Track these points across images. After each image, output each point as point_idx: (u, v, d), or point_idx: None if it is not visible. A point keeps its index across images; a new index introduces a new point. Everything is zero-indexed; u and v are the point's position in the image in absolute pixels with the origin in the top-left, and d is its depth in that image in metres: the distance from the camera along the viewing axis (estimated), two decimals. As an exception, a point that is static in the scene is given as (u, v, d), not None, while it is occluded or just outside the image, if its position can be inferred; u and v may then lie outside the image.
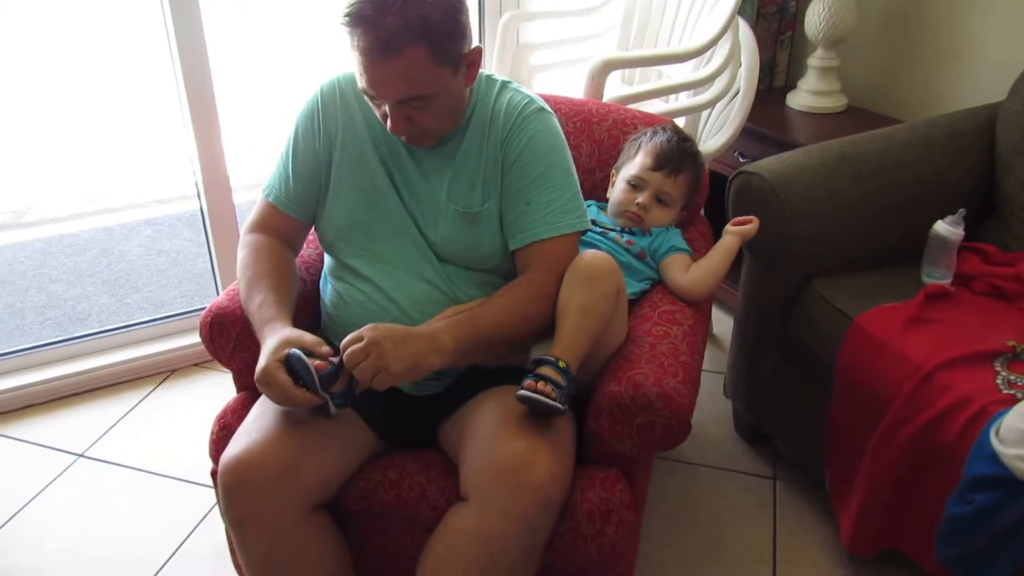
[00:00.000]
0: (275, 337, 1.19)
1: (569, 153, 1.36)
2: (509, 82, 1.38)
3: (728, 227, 1.55)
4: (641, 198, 1.49)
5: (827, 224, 1.66)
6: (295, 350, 1.14)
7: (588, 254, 1.28)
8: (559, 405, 1.15)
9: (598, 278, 1.25)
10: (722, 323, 2.45)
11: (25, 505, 1.83)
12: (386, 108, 1.22)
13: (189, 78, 2.03)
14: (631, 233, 1.50)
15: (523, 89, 1.37)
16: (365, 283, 1.34)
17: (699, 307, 1.44)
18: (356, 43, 1.15)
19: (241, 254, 1.37)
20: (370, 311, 1.32)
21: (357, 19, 1.14)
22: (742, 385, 1.89)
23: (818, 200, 1.65)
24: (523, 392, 1.15)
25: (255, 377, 1.17)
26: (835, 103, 2.35)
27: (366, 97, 1.25)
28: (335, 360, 1.15)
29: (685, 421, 1.19)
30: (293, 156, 1.37)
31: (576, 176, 1.36)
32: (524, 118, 1.32)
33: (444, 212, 1.32)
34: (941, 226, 1.62)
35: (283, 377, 1.14)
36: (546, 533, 1.17)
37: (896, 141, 1.79)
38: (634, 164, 1.52)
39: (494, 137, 1.32)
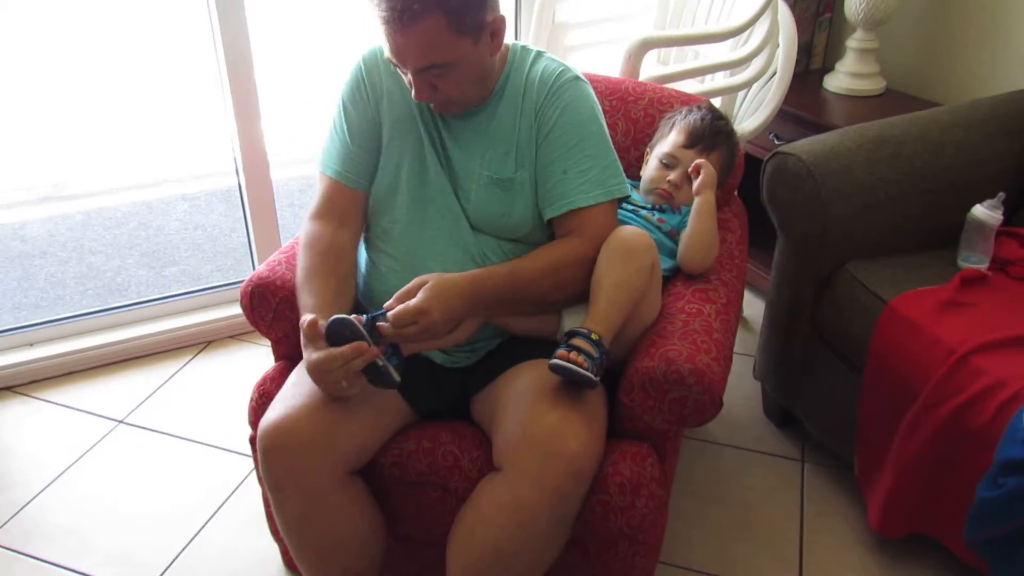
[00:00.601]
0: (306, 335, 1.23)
1: (604, 121, 1.37)
2: (544, 52, 1.38)
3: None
4: (672, 176, 1.49)
5: (863, 206, 1.65)
6: (333, 317, 1.17)
7: (625, 229, 1.29)
8: (591, 375, 1.17)
9: (634, 253, 1.26)
10: (752, 306, 2.45)
11: (67, 468, 1.89)
12: (410, 76, 1.24)
13: (230, 56, 2.06)
14: (662, 211, 1.50)
15: (557, 58, 1.37)
16: (400, 249, 1.36)
17: (732, 285, 1.44)
18: (378, 14, 1.18)
19: (300, 246, 1.37)
20: (404, 280, 1.33)
21: None
22: (772, 367, 1.89)
23: (854, 182, 1.64)
24: (556, 361, 1.17)
25: (310, 373, 1.20)
26: (873, 86, 2.33)
27: (392, 65, 1.26)
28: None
29: (717, 397, 1.20)
30: (348, 128, 1.38)
31: (611, 144, 1.36)
32: (559, 87, 1.32)
33: (477, 179, 1.34)
34: (979, 210, 1.61)
35: (322, 352, 1.16)
36: (577, 504, 1.19)
37: (936, 123, 1.77)
38: (667, 142, 1.52)
39: (528, 106, 1.33)
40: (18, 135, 3.85)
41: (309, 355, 1.19)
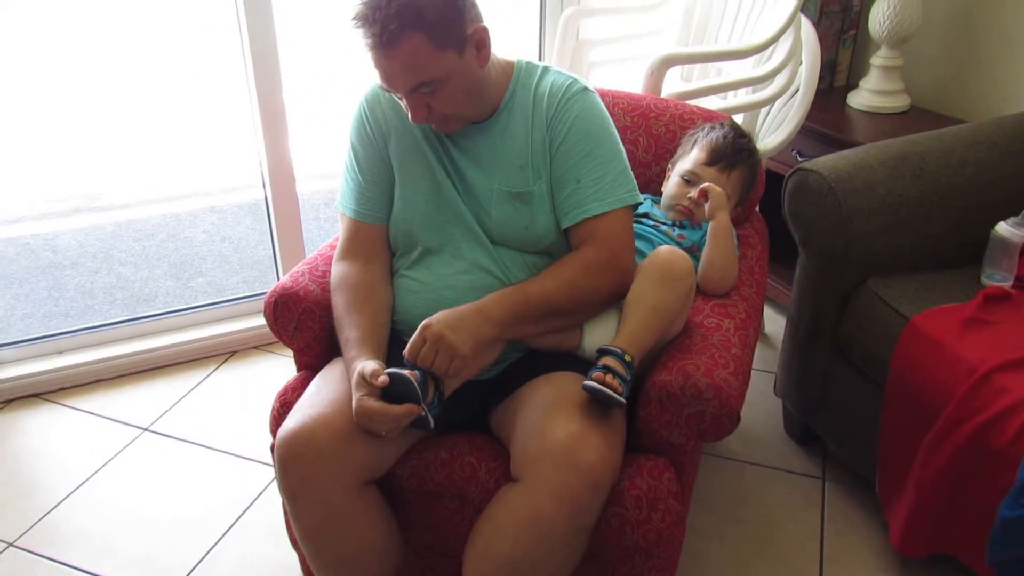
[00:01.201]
0: (356, 374, 1.25)
1: (615, 129, 1.38)
2: (550, 67, 1.40)
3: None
4: (693, 192, 1.50)
5: (885, 223, 1.65)
6: (393, 370, 1.19)
7: (666, 251, 1.30)
8: (622, 399, 1.18)
9: (676, 279, 1.27)
10: (773, 322, 2.44)
11: (93, 474, 1.92)
12: (405, 100, 1.26)
13: (258, 73, 2.10)
14: (682, 227, 1.51)
15: (564, 71, 1.39)
16: (423, 272, 1.38)
17: (751, 301, 1.44)
18: (363, 43, 1.21)
19: (332, 288, 1.41)
20: (428, 300, 1.35)
21: (359, 20, 1.20)
22: (793, 384, 1.88)
23: (876, 199, 1.64)
24: (591, 384, 1.18)
25: (357, 415, 1.22)
26: (898, 103, 2.32)
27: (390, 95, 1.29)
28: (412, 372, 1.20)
29: (734, 413, 1.20)
30: (359, 166, 1.41)
31: (623, 151, 1.37)
32: (567, 99, 1.34)
33: (496, 195, 1.35)
34: (1003, 227, 1.60)
35: (377, 405, 1.19)
36: (594, 516, 1.19)
37: (960, 140, 1.76)
38: (688, 159, 1.53)
39: (539, 120, 1.34)
40: (51, 147, 3.94)
41: (363, 401, 1.20)
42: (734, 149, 1.50)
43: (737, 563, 1.68)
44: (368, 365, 1.22)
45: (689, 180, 1.51)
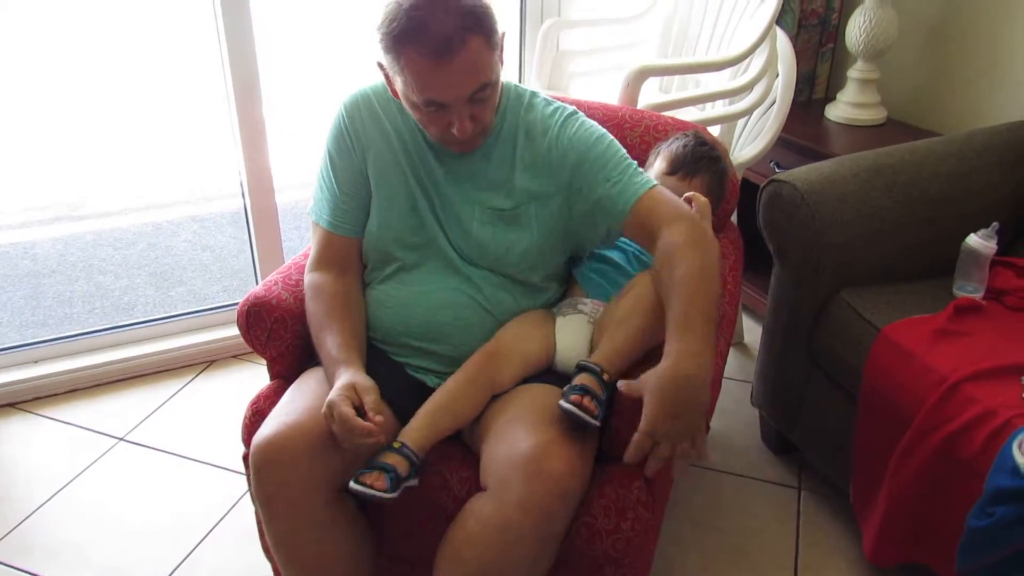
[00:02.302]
0: (345, 376, 1.24)
1: None
2: (535, 93, 1.41)
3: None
4: None
5: (858, 234, 1.66)
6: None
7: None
8: (597, 423, 1.18)
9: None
10: (752, 332, 2.45)
11: (68, 483, 1.91)
12: (451, 115, 1.22)
13: (238, 85, 2.11)
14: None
15: (548, 97, 1.40)
16: (397, 288, 1.39)
17: (723, 310, 1.45)
18: (413, 55, 1.17)
19: (308, 297, 1.40)
20: (401, 316, 1.36)
21: (411, 31, 1.15)
22: (769, 394, 1.89)
23: (849, 210, 1.66)
24: (567, 407, 1.17)
25: (323, 410, 1.20)
26: (874, 116, 2.34)
27: (421, 113, 1.24)
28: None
29: (704, 421, 1.20)
30: (335, 177, 1.40)
31: None
32: (563, 121, 1.35)
33: (477, 215, 1.35)
34: (974, 239, 1.62)
35: (347, 409, 1.18)
36: (563, 525, 1.19)
37: (932, 153, 1.78)
38: (652, 170, 1.54)
39: (533, 149, 1.35)
40: (31, 156, 3.92)
41: (329, 399, 1.20)
42: (694, 157, 1.51)
43: (713, 572, 1.68)
44: (365, 383, 1.22)
45: None
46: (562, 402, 1.18)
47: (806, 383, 1.77)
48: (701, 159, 1.51)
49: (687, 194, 1.45)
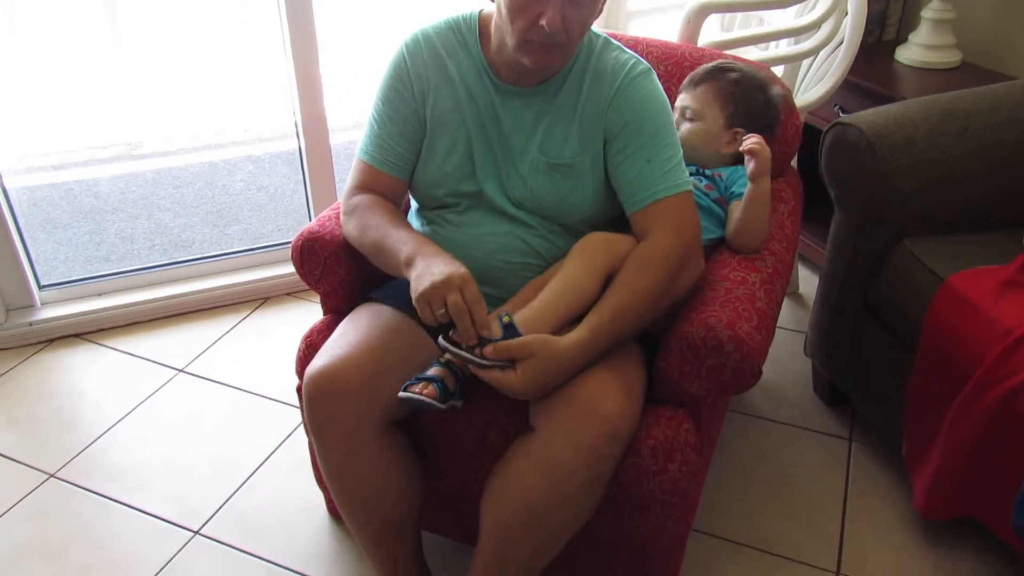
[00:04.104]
0: (447, 257, 1.21)
1: None
2: (611, 40, 1.37)
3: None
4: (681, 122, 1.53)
5: (925, 181, 1.60)
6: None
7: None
8: (439, 405, 1.17)
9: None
10: (808, 283, 2.40)
11: (130, 412, 1.98)
12: (544, 6, 1.18)
13: (293, 26, 2.10)
14: (707, 177, 1.48)
15: (626, 48, 1.36)
16: (452, 230, 1.38)
17: (780, 256, 1.42)
18: None
19: (356, 213, 1.36)
20: (456, 253, 1.32)
21: None
22: (823, 344, 1.86)
23: (917, 155, 1.59)
24: (404, 393, 1.18)
25: (442, 279, 1.15)
26: (948, 58, 2.24)
27: (514, 10, 1.20)
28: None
29: (755, 366, 1.19)
30: (388, 115, 1.37)
31: None
32: (634, 77, 1.31)
33: (535, 164, 1.33)
34: (1049, 187, 1.54)
35: (475, 293, 1.16)
36: (611, 466, 1.20)
37: (1009, 97, 1.70)
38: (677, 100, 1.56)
39: (597, 95, 1.31)
40: (93, 96, 4.00)
41: (460, 270, 1.18)
42: (698, 71, 1.53)
43: (759, 519, 1.68)
44: (468, 278, 1.17)
45: (679, 115, 1.54)
46: (401, 392, 1.18)
47: (862, 333, 1.73)
48: (703, 70, 1.52)
49: (751, 141, 1.39)
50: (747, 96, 1.50)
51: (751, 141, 1.40)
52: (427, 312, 1.17)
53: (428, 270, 1.19)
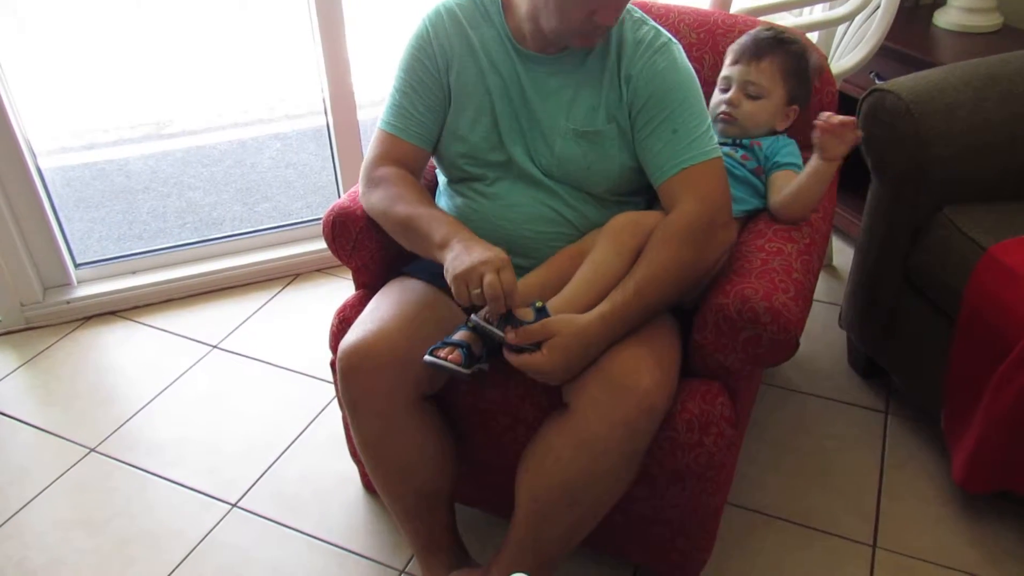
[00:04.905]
0: (485, 243, 1.21)
1: None
2: (633, 9, 1.34)
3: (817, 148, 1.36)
4: (728, 95, 1.45)
5: (966, 148, 1.56)
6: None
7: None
8: (463, 371, 1.17)
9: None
10: (843, 254, 2.37)
11: (166, 387, 2.01)
12: (601, 2, 1.18)
13: (320, 3, 2.09)
14: (744, 147, 1.45)
15: (648, 19, 1.34)
16: (481, 200, 1.37)
17: (817, 227, 1.40)
18: None
19: (382, 186, 1.34)
20: (481, 228, 1.33)
21: None
22: (859, 316, 1.83)
23: (958, 122, 1.55)
24: (429, 358, 1.17)
25: (483, 259, 1.15)
26: (989, 22, 2.18)
27: (566, 5, 1.19)
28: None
29: (792, 337, 1.17)
30: (411, 84, 1.36)
31: None
32: (657, 48, 1.29)
33: (562, 132, 1.32)
34: (1096, 153, 1.50)
35: (511, 277, 1.16)
36: (647, 440, 1.19)
37: (1054, 60, 1.64)
38: (723, 70, 1.48)
39: (621, 68, 1.30)
40: (122, 76, 4.02)
41: (499, 253, 1.18)
42: (757, 40, 1.44)
43: (793, 493, 1.67)
44: (508, 263, 1.17)
45: (723, 87, 1.47)
46: (425, 356, 1.18)
47: (899, 304, 1.70)
48: (766, 40, 1.44)
49: (838, 119, 1.34)
50: (807, 70, 1.47)
51: (841, 118, 1.35)
52: (463, 291, 1.17)
53: (466, 251, 1.19)
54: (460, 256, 1.18)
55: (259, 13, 4.43)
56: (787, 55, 1.44)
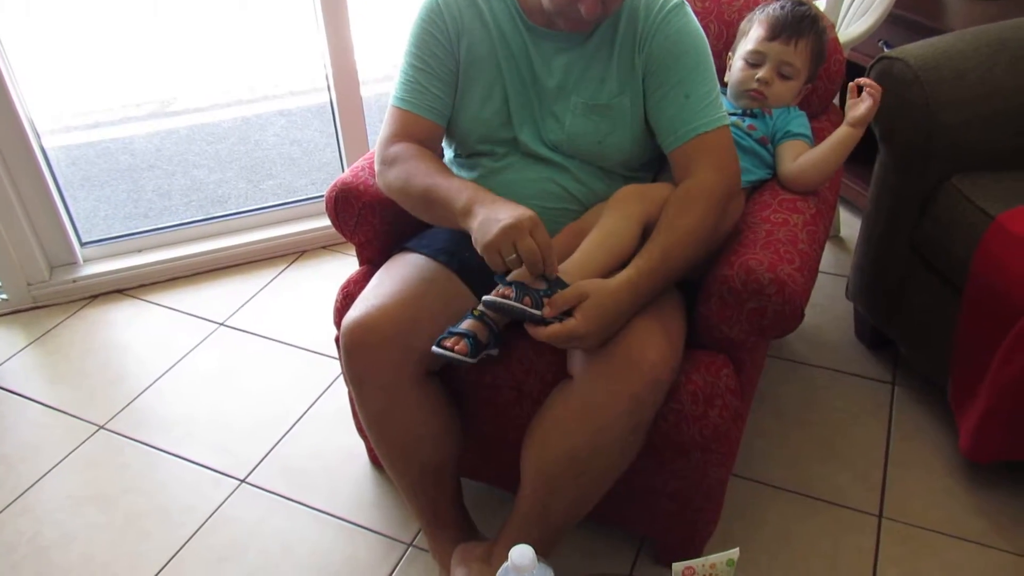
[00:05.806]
0: (509, 202, 1.17)
1: None
2: None
3: (847, 114, 1.39)
4: (762, 72, 1.42)
5: (975, 115, 1.54)
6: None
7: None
8: (470, 360, 1.15)
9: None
10: (850, 226, 2.35)
11: (173, 365, 2.02)
12: None
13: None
14: (752, 116, 1.44)
15: None
16: (486, 179, 1.36)
17: (823, 197, 1.38)
18: None
19: (398, 163, 1.31)
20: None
21: None
22: (866, 287, 1.82)
23: (967, 89, 1.53)
24: (436, 348, 1.15)
25: (512, 223, 1.10)
26: (999, -13, 2.14)
27: None
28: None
29: (798, 308, 1.17)
30: (422, 59, 1.33)
31: None
32: (668, 12, 1.27)
33: (572, 106, 1.31)
34: (1108, 119, 1.48)
35: (545, 236, 1.12)
36: (652, 413, 1.19)
37: (1065, 26, 1.62)
38: (750, 39, 1.44)
39: (631, 34, 1.28)
40: (125, 54, 4.01)
41: (529, 213, 1.13)
42: (795, 17, 1.40)
43: (800, 464, 1.67)
44: (538, 221, 1.13)
45: (754, 62, 1.43)
46: (434, 346, 1.15)
47: (906, 274, 1.69)
48: (803, 19, 1.41)
49: (859, 80, 1.33)
50: (825, 49, 1.46)
51: (872, 84, 1.34)
52: (496, 259, 1.13)
53: (493, 216, 1.14)
54: (487, 222, 1.14)
55: (261, -11, 4.40)
56: (817, 36, 1.43)
